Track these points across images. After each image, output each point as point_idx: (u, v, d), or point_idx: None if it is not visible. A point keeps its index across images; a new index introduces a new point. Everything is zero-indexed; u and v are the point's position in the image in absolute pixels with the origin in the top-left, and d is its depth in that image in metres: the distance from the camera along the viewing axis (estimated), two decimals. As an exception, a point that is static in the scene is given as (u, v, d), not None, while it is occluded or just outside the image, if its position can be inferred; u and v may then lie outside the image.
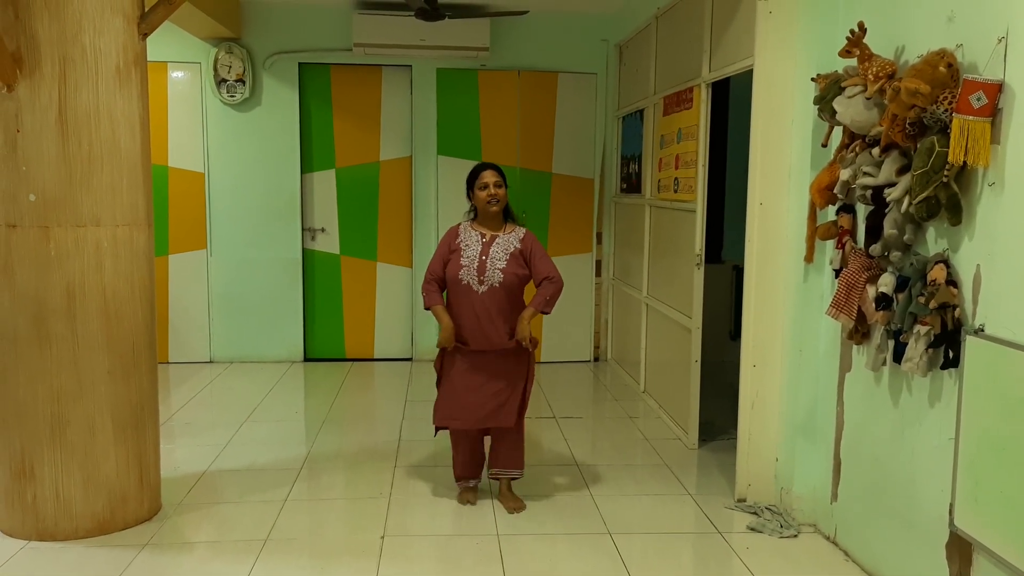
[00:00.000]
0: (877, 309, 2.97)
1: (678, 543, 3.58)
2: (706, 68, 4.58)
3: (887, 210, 2.97)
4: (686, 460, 4.56)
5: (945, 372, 2.74)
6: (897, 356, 2.92)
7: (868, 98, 3.03)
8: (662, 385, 5.49)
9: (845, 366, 3.43)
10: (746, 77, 3.93)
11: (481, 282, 3.70)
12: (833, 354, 3.52)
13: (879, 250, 3.03)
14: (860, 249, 3.22)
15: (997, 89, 2.45)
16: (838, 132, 3.37)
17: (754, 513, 3.79)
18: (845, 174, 3.16)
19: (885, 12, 3.11)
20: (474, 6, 6.15)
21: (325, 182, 6.84)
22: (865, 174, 3.03)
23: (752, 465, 3.88)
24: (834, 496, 3.52)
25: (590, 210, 6.96)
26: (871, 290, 3.05)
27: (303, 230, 6.81)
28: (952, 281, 2.68)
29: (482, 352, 3.73)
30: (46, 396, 3.42)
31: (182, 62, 6.55)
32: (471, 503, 3.87)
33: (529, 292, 3.80)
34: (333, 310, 6.95)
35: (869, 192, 3.06)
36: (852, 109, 3.08)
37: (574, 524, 3.71)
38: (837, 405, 3.49)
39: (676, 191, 5.08)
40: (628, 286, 6.34)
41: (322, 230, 6.87)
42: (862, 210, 3.25)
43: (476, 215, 3.85)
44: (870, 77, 3.00)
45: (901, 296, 2.85)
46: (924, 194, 2.66)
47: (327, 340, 6.98)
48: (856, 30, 3.08)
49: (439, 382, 3.88)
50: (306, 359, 6.92)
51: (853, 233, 3.32)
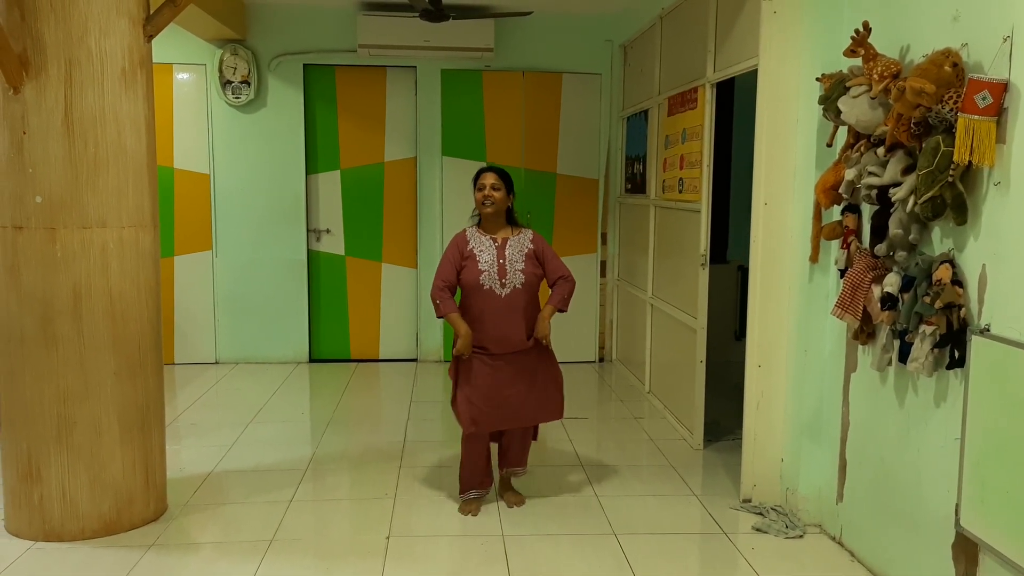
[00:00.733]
0: (882, 309, 2.97)
1: (683, 544, 3.58)
2: (710, 68, 4.58)
3: (892, 210, 2.96)
4: (691, 460, 4.56)
5: (951, 372, 2.74)
6: (903, 356, 2.92)
7: (873, 98, 3.02)
8: (667, 385, 5.49)
9: (850, 366, 3.42)
10: (751, 77, 3.92)
11: (503, 285, 3.70)
12: (838, 354, 3.52)
13: (884, 250, 3.02)
14: (865, 249, 3.22)
15: (1002, 88, 2.44)
16: (843, 132, 3.36)
17: (759, 514, 3.79)
18: (850, 174, 3.16)
19: (890, 11, 3.11)
20: (478, 7, 6.15)
21: (330, 183, 6.85)
22: (870, 174, 3.02)
23: (757, 465, 3.88)
24: (840, 496, 3.52)
25: (595, 211, 6.96)
26: (876, 290, 3.05)
27: (308, 231, 6.82)
28: (958, 281, 2.67)
29: (506, 355, 3.72)
30: (52, 397, 3.43)
31: (187, 64, 6.57)
32: (473, 514, 3.81)
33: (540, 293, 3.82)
34: (338, 311, 6.96)
35: (874, 192, 3.06)
36: (857, 109, 3.08)
37: (579, 525, 3.72)
38: (842, 405, 3.48)
39: (681, 191, 5.08)
40: (633, 287, 6.34)
41: (327, 231, 6.88)
42: (867, 210, 3.25)
43: (481, 220, 3.85)
44: (875, 77, 3.00)
45: (906, 296, 2.84)
46: (929, 194, 2.66)
47: (332, 341, 6.99)
48: (861, 30, 3.08)
49: (456, 389, 3.78)
50: (311, 360, 6.93)
51: (858, 233, 3.32)
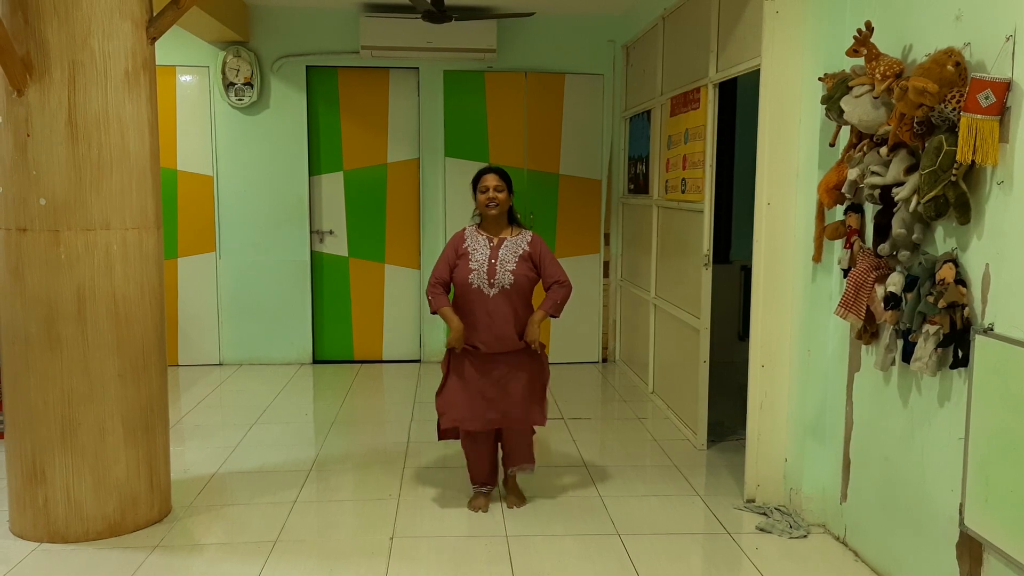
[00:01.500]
0: (886, 309, 2.97)
1: (687, 544, 3.58)
2: (713, 68, 4.58)
3: (895, 209, 2.96)
4: (695, 461, 4.56)
5: (954, 372, 2.73)
6: (906, 356, 2.92)
7: (876, 97, 3.02)
8: (670, 386, 5.48)
9: (854, 366, 3.42)
10: (753, 77, 3.92)
11: (492, 285, 3.70)
12: (842, 354, 3.51)
13: (887, 249, 3.02)
14: (868, 249, 3.21)
15: (1005, 88, 2.44)
16: (846, 131, 3.36)
17: (763, 514, 3.79)
18: (853, 173, 3.15)
19: (892, 11, 3.11)
20: (481, 8, 6.16)
21: (333, 185, 6.86)
22: (873, 173, 3.02)
23: (761, 466, 3.87)
24: (843, 496, 3.51)
25: (598, 211, 6.95)
26: (880, 290, 3.05)
27: (311, 232, 6.83)
28: (961, 280, 2.67)
29: (493, 355, 3.73)
30: (57, 399, 3.44)
31: (190, 66, 6.58)
32: (483, 510, 3.83)
33: (538, 296, 3.80)
34: (342, 312, 6.97)
35: (877, 191, 3.05)
36: (860, 108, 3.08)
37: (583, 525, 3.72)
38: (846, 405, 3.48)
39: (684, 192, 5.08)
40: (636, 287, 6.34)
41: (330, 232, 6.89)
42: (870, 209, 3.25)
43: (482, 219, 3.86)
44: (877, 76, 2.99)
45: (910, 295, 2.84)
46: (932, 193, 2.65)
47: (336, 342, 6.99)
48: (863, 29, 3.08)
49: (443, 385, 3.83)
50: (315, 361, 6.94)
51: (861, 233, 3.31)
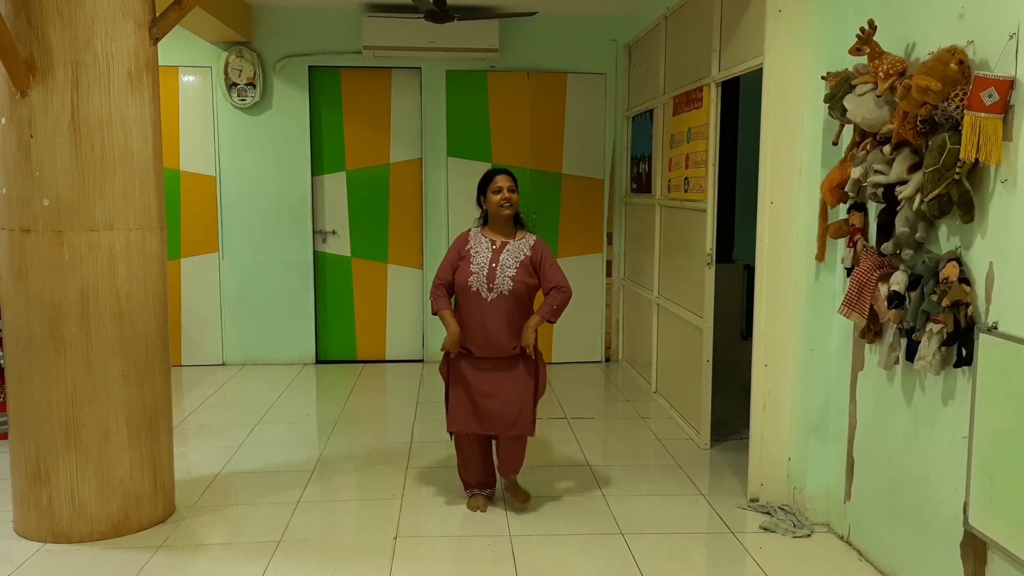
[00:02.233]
0: (889, 307, 2.96)
1: (690, 543, 3.58)
2: (715, 67, 4.58)
3: (899, 208, 2.96)
4: (698, 460, 4.56)
5: (958, 370, 2.73)
6: (910, 354, 2.91)
7: (879, 96, 3.02)
8: (674, 385, 5.48)
9: (857, 365, 3.42)
10: (756, 76, 3.92)
11: (490, 289, 3.67)
12: (845, 353, 3.51)
13: (891, 248, 3.02)
14: (872, 247, 3.21)
15: (1009, 86, 2.44)
16: (849, 130, 3.36)
17: (767, 513, 3.78)
18: (856, 172, 3.15)
19: (895, 9, 3.10)
20: (483, 7, 6.16)
21: (336, 185, 6.86)
22: (876, 172, 3.02)
23: (765, 465, 3.87)
24: (847, 495, 3.51)
25: (600, 210, 6.95)
26: (883, 288, 3.04)
27: (314, 233, 6.83)
28: (965, 279, 2.66)
29: (489, 359, 3.71)
30: (61, 399, 3.44)
31: (193, 66, 6.59)
32: (481, 509, 3.83)
33: (537, 301, 3.80)
34: (344, 312, 6.98)
35: (880, 190, 3.05)
36: (863, 107, 3.08)
37: (586, 525, 3.71)
38: (850, 404, 3.47)
39: (686, 191, 5.08)
40: (639, 286, 6.33)
41: (333, 232, 6.89)
42: (873, 208, 3.24)
43: (486, 221, 3.84)
44: (880, 75, 2.99)
45: (913, 294, 2.84)
46: (936, 192, 2.65)
47: (339, 342, 7.00)
48: (866, 28, 3.07)
49: (447, 388, 3.84)
50: (318, 361, 6.95)
51: (865, 231, 3.31)
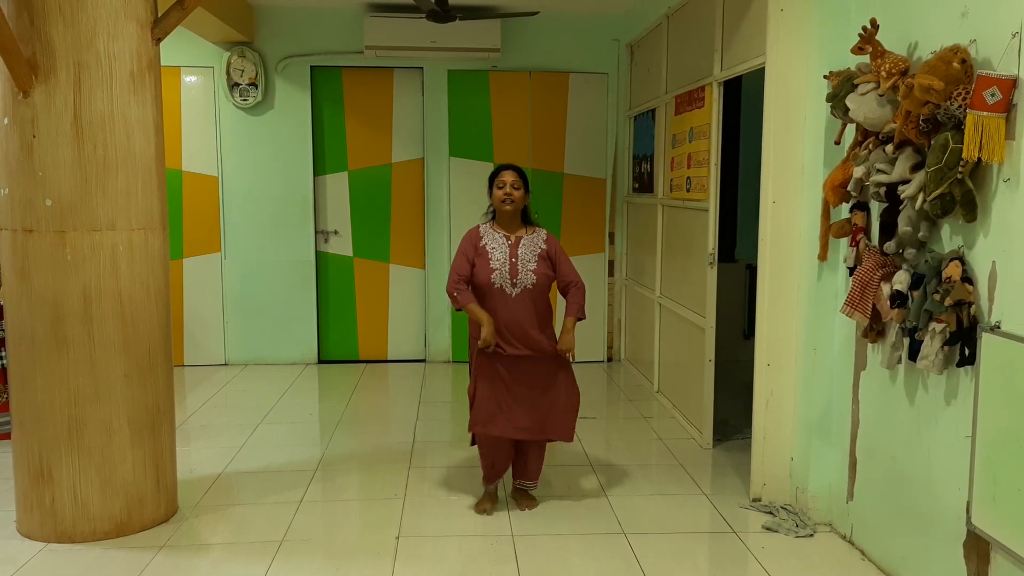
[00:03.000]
0: (892, 307, 2.96)
1: (693, 543, 3.58)
2: (718, 67, 4.57)
3: (901, 207, 2.95)
4: (700, 460, 4.55)
5: (961, 370, 2.72)
6: (912, 354, 2.91)
7: (881, 95, 3.01)
8: (676, 385, 5.48)
9: (860, 364, 3.41)
10: (758, 75, 3.92)
11: (514, 284, 3.67)
12: (848, 352, 3.51)
13: (893, 247, 3.01)
14: (874, 247, 3.20)
15: (1011, 85, 2.43)
16: (851, 129, 3.35)
17: (769, 513, 3.78)
18: (859, 171, 3.15)
19: (897, 8, 3.10)
20: (485, 7, 6.16)
21: (338, 184, 6.86)
22: (879, 171, 3.01)
23: (767, 464, 3.87)
24: (850, 495, 3.50)
25: (602, 210, 6.95)
26: (886, 288, 3.04)
27: (316, 232, 6.84)
28: (967, 278, 2.66)
29: (521, 359, 3.68)
30: (63, 399, 3.45)
31: (195, 67, 6.60)
32: (487, 513, 3.81)
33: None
34: (347, 312, 6.98)
35: (883, 189, 3.04)
36: (865, 106, 3.07)
37: (589, 524, 3.71)
38: (852, 404, 3.47)
39: (689, 190, 5.07)
40: (641, 286, 6.33)
41: (335, 232, 6.90)
42: (876, 207, 3.24)
43: (495, 216, 3.84)
44: (883, 74, 2.99)
45: (916, 294, 2.84)
46: (938, 191, 2.64)
47: (341, 342, 7.00)
48: (868, 27, 3.07)
49: (474, 393, 3.74)
50: (320, 361, 6.95)
51: (867, 231, 3.30)
